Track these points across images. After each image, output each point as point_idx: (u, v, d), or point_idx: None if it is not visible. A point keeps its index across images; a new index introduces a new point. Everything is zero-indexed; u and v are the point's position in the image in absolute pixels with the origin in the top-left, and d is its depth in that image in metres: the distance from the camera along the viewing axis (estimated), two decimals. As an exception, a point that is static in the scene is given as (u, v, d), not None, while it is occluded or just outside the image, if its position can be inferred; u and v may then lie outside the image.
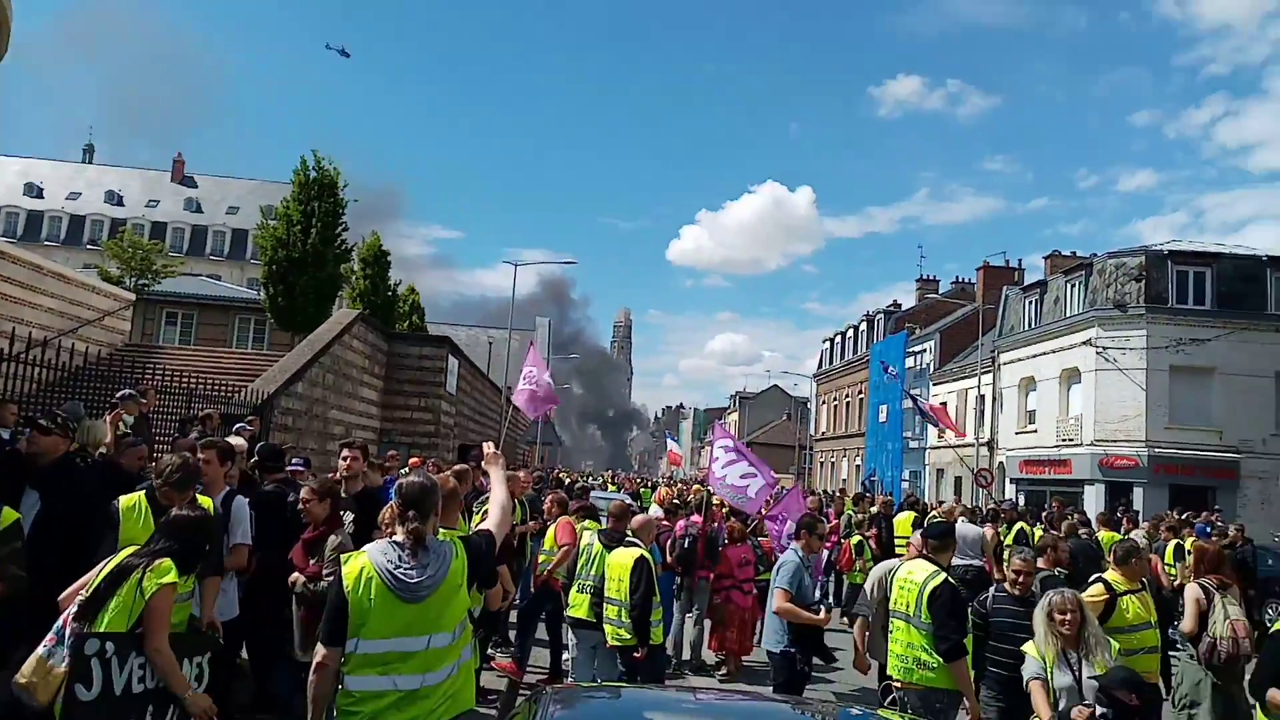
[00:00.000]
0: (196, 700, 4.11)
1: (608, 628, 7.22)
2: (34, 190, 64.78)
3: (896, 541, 14.99)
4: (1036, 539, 12.57)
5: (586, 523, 8.88)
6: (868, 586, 7.44)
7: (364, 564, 3.64)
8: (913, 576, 5.90)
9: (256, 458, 8.00)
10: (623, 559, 7.16)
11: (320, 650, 3.63)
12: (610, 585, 7.20)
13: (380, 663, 3.54)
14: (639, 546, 7.33)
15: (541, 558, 9.28)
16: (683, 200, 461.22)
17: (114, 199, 66.09)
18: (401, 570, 3.59)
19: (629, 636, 7.02)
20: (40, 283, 20.44)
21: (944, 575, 5.80)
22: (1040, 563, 8.19)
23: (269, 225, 29.09)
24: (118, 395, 9.67)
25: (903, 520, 14.91)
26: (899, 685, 5.84)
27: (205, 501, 5.37)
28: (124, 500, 5.18)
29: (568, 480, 25.32)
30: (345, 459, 7.30)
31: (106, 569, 4.12)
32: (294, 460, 9.82)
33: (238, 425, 10.27)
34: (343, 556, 3.91)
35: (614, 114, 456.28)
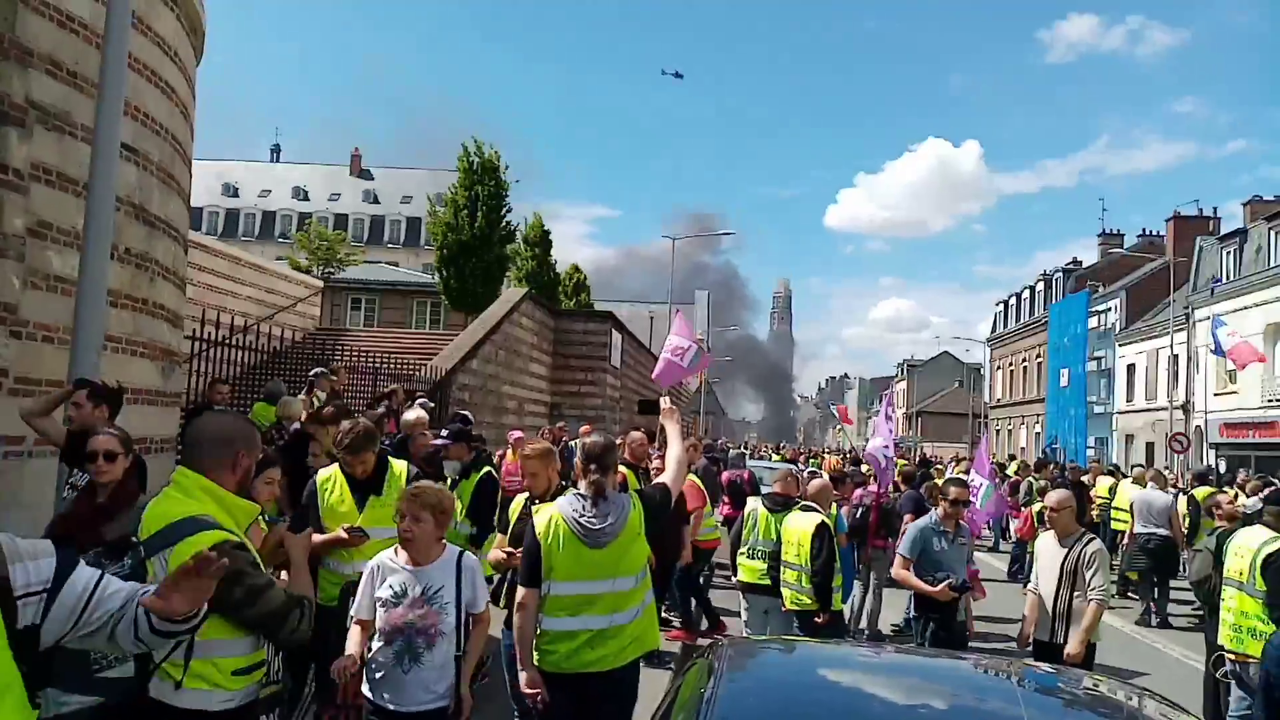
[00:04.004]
0: None
1: (786, 592, 7.15)
2: (230, 190, 70.05)
3: (1114, 512, 14.43)
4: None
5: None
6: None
7: (554, 514, 4.01)
8: (1248, 542, 5.77)
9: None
10: (803, 524, 7.04)
11: (520, 591, 4.04)
12: (788, 550, 7.11)
13: (570, 605, 3.90)
14: (818, 511, 7.21)
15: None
16: (839, 163, 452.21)
17: (300, 194, 70.67)
18: (585, 519, 3.94)
19: (809, 601, 6.92)
20: (240, 274, 22.22)
21: None
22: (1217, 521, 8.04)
23: (438, 212, 30.49)
24: (312, 373, 10.39)
25: (1123, 490, 14.52)
26: (1233, 657, 5.75)
27: (397, 468, 5.08)
28: (321, 475, 5.05)
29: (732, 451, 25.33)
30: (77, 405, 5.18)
31: None
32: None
33: (419, 400, 10.88)
34: (534, 508, 4.26)
35: (764, 82, 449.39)
